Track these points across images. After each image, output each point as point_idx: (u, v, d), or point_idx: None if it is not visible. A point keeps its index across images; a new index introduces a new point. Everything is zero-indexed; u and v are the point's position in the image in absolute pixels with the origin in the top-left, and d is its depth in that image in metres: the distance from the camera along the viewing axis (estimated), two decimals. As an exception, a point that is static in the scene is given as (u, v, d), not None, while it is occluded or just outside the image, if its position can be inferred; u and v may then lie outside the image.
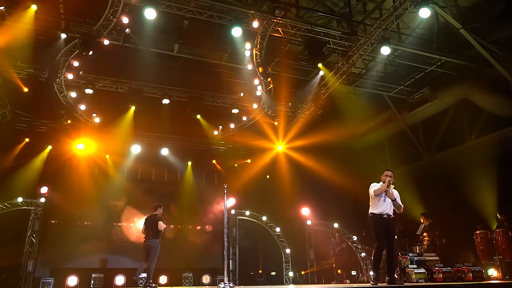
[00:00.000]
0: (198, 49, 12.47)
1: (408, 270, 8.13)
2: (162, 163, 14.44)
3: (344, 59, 11.34)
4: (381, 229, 6.55)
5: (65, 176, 13.13)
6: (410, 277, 7.96)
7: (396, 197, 6.72)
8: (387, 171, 6.95)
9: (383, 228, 6.54)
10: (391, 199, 6.64)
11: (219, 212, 14.70)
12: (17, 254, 12.04)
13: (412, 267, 8.14)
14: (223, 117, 13.95)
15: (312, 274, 14.13)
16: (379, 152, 16.47)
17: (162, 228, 9.07)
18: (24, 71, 11.18)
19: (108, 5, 9.12)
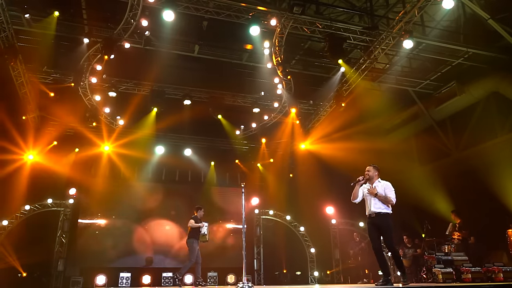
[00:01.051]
0: (219, 49, 12.52)
1: (434, 270, 7.85)
2: (185, 164, 14.59)
3: (366, 55, 11.11)
4: (371, 229, 6.29)
5: (92, 177, 13.47)
6: (437, 277, 7.68)
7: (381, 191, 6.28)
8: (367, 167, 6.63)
9: (373, 228, 6.25)
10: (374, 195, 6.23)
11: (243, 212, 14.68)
12: (48, 254, 12.43)
13: (439, 267, 7.85)
14: (244, 116, 13.94)
15: (338, 274, 13.92)
16: (406, 149, 16.04)
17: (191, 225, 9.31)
18: (50, 76, 11.54)
19: (128, 8, 9.26)
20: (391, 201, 6.24)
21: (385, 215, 6.20)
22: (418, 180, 14.87)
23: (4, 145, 11.62)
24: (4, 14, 9.14)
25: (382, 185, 6.38)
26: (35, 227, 12.25)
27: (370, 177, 6.45)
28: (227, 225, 14.96)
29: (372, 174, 6.46)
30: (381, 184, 6.40)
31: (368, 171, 6.49)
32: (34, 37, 9.96)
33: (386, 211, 6.22)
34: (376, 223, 6.21)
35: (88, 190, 13.26)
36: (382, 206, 6.22)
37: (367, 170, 6.51)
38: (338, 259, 14.07)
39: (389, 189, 6.35)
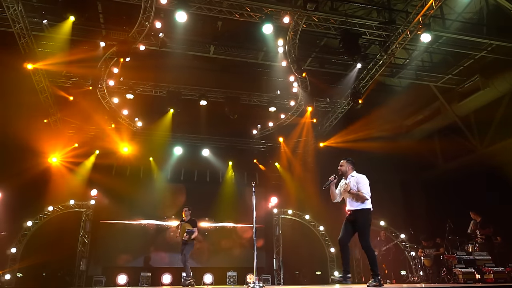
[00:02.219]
0: (234, 49, 12.50)
1: (455, 270, 7.58)
2: (203, 164, 14.66)
3: (383, 50, 10.87)
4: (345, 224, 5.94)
5: (113, 178, 13.69)
6: (458, 278, 7.41)
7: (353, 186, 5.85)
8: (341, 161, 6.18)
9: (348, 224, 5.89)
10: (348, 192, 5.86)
11: (262, 211, 14.68)
12: (71, 253, 12.72)
13: (460, 267, 7.57)
14: (261, 116, 13.89)
15: (359, 274, 13.69)
16: (429, 146, 15.67)
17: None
18: (70, 80, 11.80)
19: (141, 11, 9.35)
20: (363, 197, 5.73)
21: (361, 211, 5.77)
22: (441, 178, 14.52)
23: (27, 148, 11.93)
24: (23, 20, 9.41)
25: (355, 180, 5.92)
26: (58, 227, 12.52)
27: (343, 172, 6.04)
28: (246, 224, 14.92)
29: (345, 169, 6.04)
30: (354, 179, 5.93)
31: (341, 165, 6.07)
32: (53, 42, 10.18)
33: (362, 207, 5.78)
34: (351, 221, 5.86)
35: (109, 191, 13.47)
36: (356, 203, 5.82)
37: (340, 164, 6.10)
38: (359, 259, 13.83)
39: (361, 183, 5.86)
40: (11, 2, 8.79)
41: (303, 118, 13.52)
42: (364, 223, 5.77)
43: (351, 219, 5.86)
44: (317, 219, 14.40)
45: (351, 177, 5.95)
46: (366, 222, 5.78)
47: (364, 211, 5.76)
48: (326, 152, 14.61)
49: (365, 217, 5.77)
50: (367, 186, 5.84)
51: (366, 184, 5.86)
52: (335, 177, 5.99)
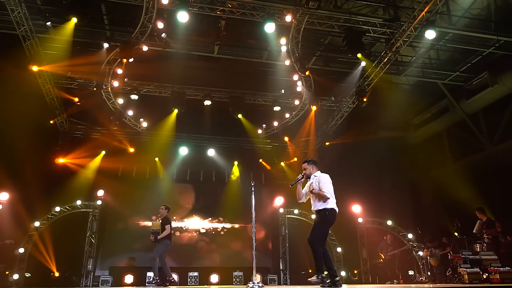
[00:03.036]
0: (238, 49, 12.49)
1: (460, 270, 7.43)
2: (209, 164, 14.67)
3: (387, 47, 10.74)
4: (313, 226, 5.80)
5: (119, 179, 13.78)
6: (463, 278, 7.27)
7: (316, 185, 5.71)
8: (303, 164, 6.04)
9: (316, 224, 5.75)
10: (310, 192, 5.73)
11: (268, 211, 14.66)
12: (79, 253, 12.81)
13: (465, 267, 7.42)
14: (265, 115, 13.85)
15: (366, 274, 13.55)
16: (437, 144, 15.46)
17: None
18: (75, 82, 11.89)
19: (143, 11, 9.38)
20: (324, 196, 5.58)
21: (323, 211, 5.64)
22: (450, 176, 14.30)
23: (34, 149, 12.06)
24: (27, 23, 9.52)
25: (317, 179, 5.79)
26: (65, 228, 12.63)
27: (308, 174, 5.91)
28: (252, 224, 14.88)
29: (309, 171, 5.91)
30: (316, 178, 5.81)
31: (304, 169, 5.96)
32: (57, 44, 10.27)
33: (324, 207, 5.64)
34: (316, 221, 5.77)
35: (116, 191, 13.54)
36: (319, 203, 5.70)
37: (303, 168, 5.98)
38: (366, 259, 13.69)
39: (322, 182, 5.72)
40: (15, 5, 8.88)
41: (308, 117, 13.44)
42: (322, 221, 5.67)
43: (316, 219, 5.78)
44: (323, 219, 14.28)
45: (314, 177, 5.85)
46: (324, 221, 5.66)
47: (325, 210, 5.64)
48: (332, 151, 14.52)
49: (325, 216, 5.64)
50: (328, 184, 5.73)
51: (327, 182, 5.75)
52: (303, 176, 5.89)
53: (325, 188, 5.64)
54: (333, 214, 5.66)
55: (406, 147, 15.58)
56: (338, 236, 14.17)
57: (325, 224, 5.68)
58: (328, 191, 5.63)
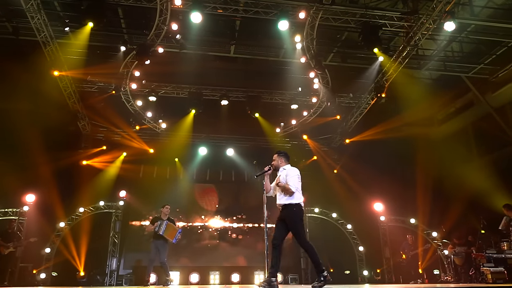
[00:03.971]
0: (255, 48, 12.46)
1: (483, 269, 7.15)
2: (228, 164, 14.71)
3: (406, 41, 10.47)
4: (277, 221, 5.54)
5: (140, 180, 14.00)
6: (486, 277, 6.99)
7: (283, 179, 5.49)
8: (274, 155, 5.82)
9: (279, 222, 5.51)
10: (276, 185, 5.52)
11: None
12: (102, 253, 13.10)
13: (488, 266, 7.13)
14: (283, 114, 13.77)
15: (389, 273, 13.27)
16: (462, 140, 14.97)
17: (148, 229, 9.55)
18: (95, 85, 12.16)
19: (157, 14, 9.49)
20: (289, 189, 5.33)
21: (288, 206, 5.41)
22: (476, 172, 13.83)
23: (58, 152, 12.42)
24: (47, 29, 9.78)
25: (285, 172, 5.55)
26: (89, 228, 12.94)
27: (276, 166, 5.70)
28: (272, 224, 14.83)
29: (277, 163, 5.69)
30: (285, 172, 5.57)
31: (273, 160, 5.76)
32: (76, 48, 10.52)
33: (289, 201, 5.40)
34: (281, 217, 5.51)
35: (137, 192, 13.77)
36: (284, 197, 5.45)
37: (273, 158, 5.78)
38: (389, 258, 13.41)
39: (289, 175, 5.48)
40: (34, 12, 9.14)
41: (327, 115, 13.27)
42: (291, 218, 5.41)
43: (281, 215, 5.53)
44: (344, 217, 14.11)
45: (283, 170, 5.65)
46: (295, 218, 5.41)
47: (291, 206, 5.41)
48: (352, 148, 14.32)
49: (292, 212, 5.40)
50: (295, 178, 5.49)
51: (294, 176, 5.51)
52: (269, 168, 5.66)
53: (291, 182, 5.40)
54: (300, 209, 5.45)
55: (429, 143, 15.15)
56: (360, 235, 13.97)
57: (298, 221, 5.43)
58: (293, 184, 5.40)
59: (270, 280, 5.13)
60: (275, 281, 5.15)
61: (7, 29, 11.26)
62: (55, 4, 10.61)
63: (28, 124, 11.46)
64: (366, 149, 13.79)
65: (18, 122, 11.83)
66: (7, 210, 11.98)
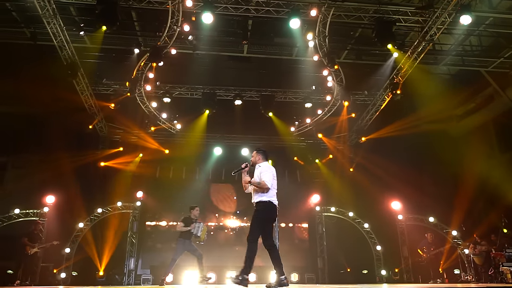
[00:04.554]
0: (268, 47, 12.45)
1: (502, 268, 6.95)
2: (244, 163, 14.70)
3: (421, 36, 10.27)
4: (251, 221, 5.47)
5: (157, 180, 14.15)
6: (506, 277, 6.79)
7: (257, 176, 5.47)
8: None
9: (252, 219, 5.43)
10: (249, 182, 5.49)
11: (304, 209, 14.50)
12: (121, 253, 13.29)
13: (508, 265, 6.93)
14: (297, 113, 13.69)
15: (408, 273, 13.05)
16: (483, 136, 14.60)
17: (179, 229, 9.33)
18: (111, 88, 12.35)
19: (169, 16, 9.56)
20: (263, 185, 5.27)
21: (260, 204, 5.35)
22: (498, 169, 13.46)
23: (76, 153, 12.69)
24: (63, 33, 9.97)
25: (260, 170, 5.53)
26: (107, 228, 13.16)
27: (253, 163, 5.67)
28: (287, 223, 14.82)
29: (255, 159, 5.69)
30: (260, 169, 5.55)
31: (252, 156, 5.75)
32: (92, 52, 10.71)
33: (261, 199, 5.36)
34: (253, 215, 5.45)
35: (154, 192, 13.91)
36: (257, 194, 5.41)
37: (252, 155, 5.77)
38: (407, 257, 13.19)
39: (263, 172, 5.44)
40: (50, 17, 9.34)
41: (342, 113, 13.14)
42: (259, 215, 5.34)
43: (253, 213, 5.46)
44: (361, 216, 13.94)
45: (258, 167, 5.61)
46: (263, 215, 5.34)
47: (262, 203, 5.35)
48: (368, 146, 14.13)
49: (262, 209, 5.34)
50: (268, 174, 5.43)
51: (268, 172, 5.46)
52: (246, 165, 5.64)
53: (265, 177, 5.37)
54: (270, 207, 5.36)
55: (448, 140, 14.83)
56: (378, 234, 13.77)
57: (266, 219, 5.37)
58: (268, 180, 5.36)
59: (243, 277, 5.17)
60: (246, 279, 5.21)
61: (26, 34, 11.56)
62: (71, 9, 10.82)
63: (46, 127, 11.73)
64: (382, 147, 13.59)
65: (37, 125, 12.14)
66: (28, 211, 12.27)
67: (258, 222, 5.31)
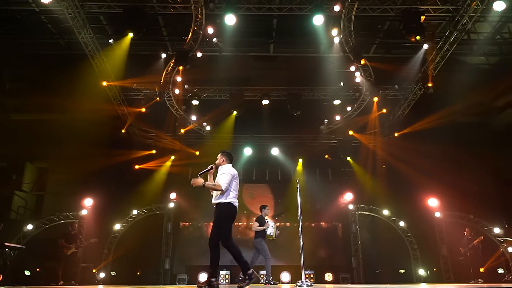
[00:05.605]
0: (294, 45, 12.36)
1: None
2: (274, 163, 14.71)
3: (452, 26, 9.85)
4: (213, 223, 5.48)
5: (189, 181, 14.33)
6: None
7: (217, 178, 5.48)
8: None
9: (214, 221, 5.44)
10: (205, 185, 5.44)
11: (337, 208, 14.30)
12: (156, 253, 13.64)
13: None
14: (326, 110, 13.50)
15: (447, 272, 12.55)
16: (526, 127, 13.80)
17: (254, 229, 9.20)
18: (141, 92, 12.69)
19: (193, 19, 9.70)
20: (218, 186, 5.28)
21: (218, 205, 5.38)
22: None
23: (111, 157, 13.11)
24: (94, 42, 10.35)
25: (221, 172, 5.53)
26: (143, 229, 13.52)
27: (217, 165, 5.62)
28: (320, 222, 14.65)
29: (219, 161, 5.64)
30: (222, 170, 5.54)
31: (217, 158, 5.68)
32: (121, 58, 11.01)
33: (219, 200, 5.37)
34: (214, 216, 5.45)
35: (187, 193, 14.16)
36: (217, 197, 5.42)
37: (217, 157, 5.69)
38: (446, 256, 12.69)
39: (222, 174, 5.43)
40: (80, 27, 9.71)
41: (372, 109, 12.82)
42: (219, 218, 5.34)
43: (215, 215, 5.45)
44: (396, 214, 13.56)
45: (221, 169, 5.58)
46: (222, 216, 5.33)
47: (221, 204, 5.36)
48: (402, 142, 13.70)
49: (221, 210, 5.34)
50: (225, 176, 5.40)
51: (226, 174, 5.42)
52: (212, 167, 5.62)
53: (222, 180, 5.36)
54: (230, 208, 5.35)
55: (488, 133, 14.15)
56: (414, 232, 13.35)
57: (224, 220, 5.34)
58: (224, 182, 5.33)
59: (210, 280, 5.21)
60: (214, 281, 5.23)
61: (61, 45, 12.11)
62: (101, 18, 11.20)
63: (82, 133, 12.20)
64: (416, 142, 13.10)
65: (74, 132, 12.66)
66: (68, 214, 12.82)
67: (219, 223, 5.36)
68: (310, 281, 5.92)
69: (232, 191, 5.40)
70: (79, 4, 9.25)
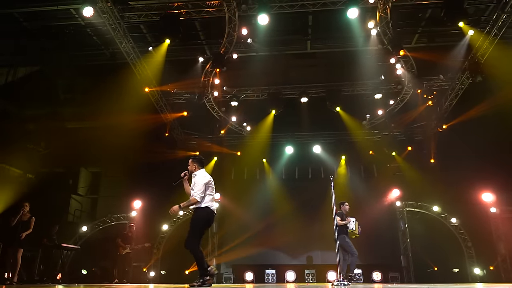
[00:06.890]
0: (331, 40, 12.18)
1: None
2: (316, 161, 14.53)
3: (499, 8, 9.24)
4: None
5: (232, 182, 14.59)
6: None
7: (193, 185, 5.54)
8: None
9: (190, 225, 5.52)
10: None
11: (383, 205, 13.86)
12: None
13: None
14: (368, 105, 13.13)
15: (506, 271, 11.77)
16: None
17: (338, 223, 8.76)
18: (183, 96, 13.04)
19: (226, 22, 9.83)
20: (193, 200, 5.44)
21: (197, 210, 5.49)
22: None
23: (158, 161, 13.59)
24: (134, 51, 10.80)
25: (195, 179, 5.59)
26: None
27: (190, 171, 5.62)
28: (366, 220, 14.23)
29: (191, 168, 5.63)
30: (196, 177, 5.59)
31: (188, 165, 5.65)
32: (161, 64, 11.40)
33: (198, 205, 5.48)
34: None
35: (231, 193, 14.33)
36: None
37: (188, 165, 5.66)
38: (504, 254, 11.91)
39: (196, 182, 5.50)
40: (121, 37, 10.17)
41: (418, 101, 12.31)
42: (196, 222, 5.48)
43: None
44: (448, 210, 12.92)
45: (195, 176, 5.61)
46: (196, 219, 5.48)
47: (199, 209, 5.50)
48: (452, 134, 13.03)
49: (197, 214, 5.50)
50: (198, 186, 5.49)
51: (199, 183, 5.50)
52: (185, 174, 5.67)
53: (195, 192, 5.47)
54: (207, 213, 5.45)
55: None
56: (468, 229, 12.65)
57: (197, 224, 5.45)
58: (197, 191, 5.43)
59: (204, 279, 5.31)
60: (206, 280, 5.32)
61: (106, 55, 12.74)
62: (141, 27, 11.66)
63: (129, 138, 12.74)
64: (466, 134, 12.42)
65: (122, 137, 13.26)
66: (119, 216, 13.46)
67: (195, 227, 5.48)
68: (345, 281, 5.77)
69: (207, 196, 5.53)
70: (119, 15, 9.70)
